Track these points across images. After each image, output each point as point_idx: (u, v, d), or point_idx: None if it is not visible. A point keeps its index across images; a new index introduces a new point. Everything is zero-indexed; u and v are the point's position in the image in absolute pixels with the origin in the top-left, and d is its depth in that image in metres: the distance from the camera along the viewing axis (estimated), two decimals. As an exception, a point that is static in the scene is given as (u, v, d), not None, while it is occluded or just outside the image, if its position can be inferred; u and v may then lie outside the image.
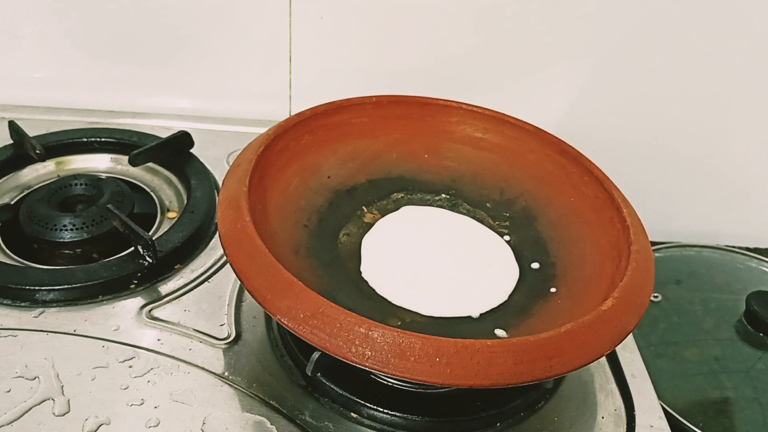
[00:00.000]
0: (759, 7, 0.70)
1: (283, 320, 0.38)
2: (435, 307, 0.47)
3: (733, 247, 0.77)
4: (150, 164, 0.67)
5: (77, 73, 0.76)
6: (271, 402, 0.45)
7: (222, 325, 0.51)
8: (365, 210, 0.55)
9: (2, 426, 0.41)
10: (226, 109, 0.77)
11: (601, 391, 0.50)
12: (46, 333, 0.48)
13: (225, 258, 0.54)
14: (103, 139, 0.68)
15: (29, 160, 0.65)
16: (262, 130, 0.53)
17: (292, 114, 0.55)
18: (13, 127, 0.65)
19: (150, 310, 0.51)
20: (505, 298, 0.49)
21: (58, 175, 0.65)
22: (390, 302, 0.48)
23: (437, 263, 0.51)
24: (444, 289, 0.49)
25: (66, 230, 0.56)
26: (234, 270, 0.42)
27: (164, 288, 0.53)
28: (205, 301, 0.53)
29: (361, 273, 0.50)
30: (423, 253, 0.52)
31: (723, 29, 0.71)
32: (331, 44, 0.74)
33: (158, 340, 0.49)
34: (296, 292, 0.39)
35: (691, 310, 0.68)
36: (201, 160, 0.66)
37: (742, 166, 0.80)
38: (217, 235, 0.58)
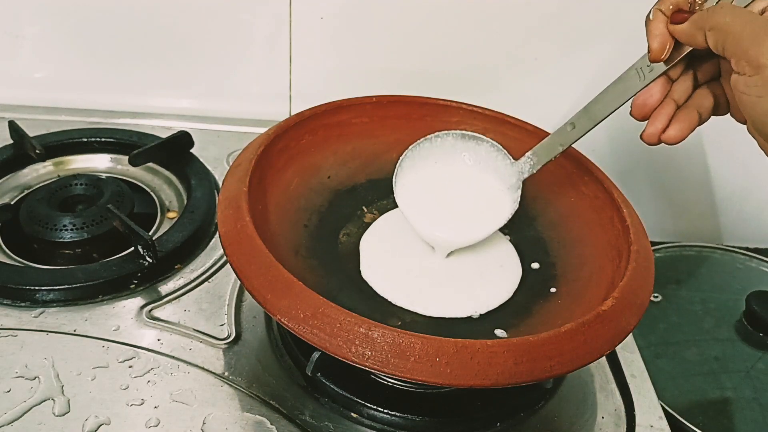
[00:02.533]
0: None
1: (283, 320, 0.38)
2: (435, 307, 0.47)
3: (733, 247, 0.77)
4: (150, 164, 0.67)
5: (77, 73, 0.76)
6: (271, 402, 0.45)
7: (222, 325, 0.51)
8: (365, 210, 0.55)
9: (2, 426, 0.41)
10: (226, 109, 0.77)
11: (601, 391, 0.50)
12: (46, 333, 0.48)
13: (225, 258, 0.54)
14: (103, 139, 0.68)
15: (29, 160, 0.65)
16: (262, 130, 0.53)
17: (292, 114, 0.55)
18: (13, 127, 0.65)
19: (150, 310, 0.51)
20: (507, 298, 0.49)
21: (58, 175, 0.65)
22: (390, 302, 0.48)
23: (438, 262, 0.51)
24: (444, 289, 0.49)
25: (66, 230, 0.56)
26: (234, 270, 0.42)
27: (164, 288, 0.53)
28: (205, 301, 0.53)
29: (360, 273, 0.50)
30: (423, 252, 0.52)
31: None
32: (331, 44, 0.74)
33: (158, 340, 0.49)
34: (296, 292, 0.39)
35: (691, 310, 0.68)
36: (201, 160, 0.66)
37: (742, 167, 0.80)
38: (217, 235, 0.58)
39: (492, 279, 0.50)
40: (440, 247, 0.51)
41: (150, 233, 0.57)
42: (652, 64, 0.41)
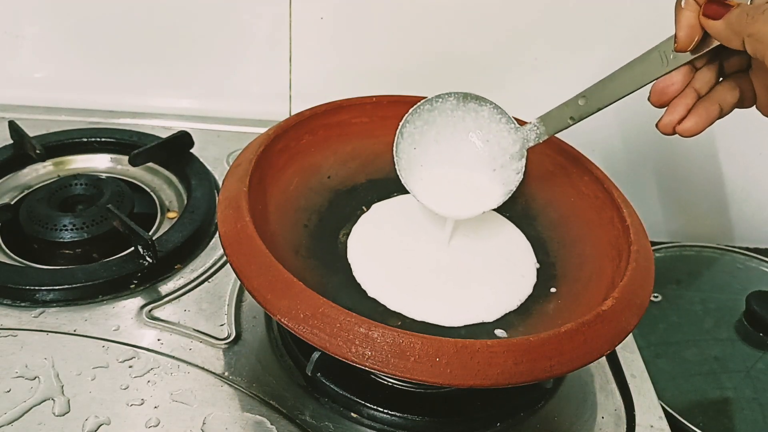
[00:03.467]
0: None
1: (283, 320, 0.38)
2: (438, 316, 0.46)
3: (733, 247, 0.77)
4: (150, 164, 0.67)
5: (77, 73, 0.76)
6: (271, 402, 0.45)
7: (222, 325, 0.51)
8: (365, 210, 0.55)
9: (2, 426, 0.41)
10: (226, 109, 0.77)
11: (601, 391, 0.50)
12: (46, 333, 0.48)
13: (225, 258, 0.54)
14: (103, 139, 0.68)
15: (29, 160, 0.65)
16: (262, 130, 0.53)
17: (292, 114, 0.55)
18: (13, 127, 0.65)
19: (150, 310, 0.51)
20: (517, 305, 0.48)
21: (58, 175, 0.65)
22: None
23: (442, 263, 0.51)
24: (447, 295, 0.48)
25: (66, 230, 0.56)
26: (234, 270, 0.42)
27: (164, 288, 0.53)
28: (205, 301, 0.53)
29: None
30: (425, 248, 0.51)
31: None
32: (331, 44, 0.74)
33: (158, 340, 0.49)
34: (296, 292, 0.39)
35: (691, 310, 0.68)
36: (201, 160, 0.66)
37: (742, 166, 0.80)
38: (217, 235, 0.58)
39: (503, 280, 0.50)
40: (447, 219, 0.50)
41: (150, 233, 0.57)
42: (677, 53, 0.39)
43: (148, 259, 0.54)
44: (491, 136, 0.50)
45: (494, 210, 0.56)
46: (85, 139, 0.68)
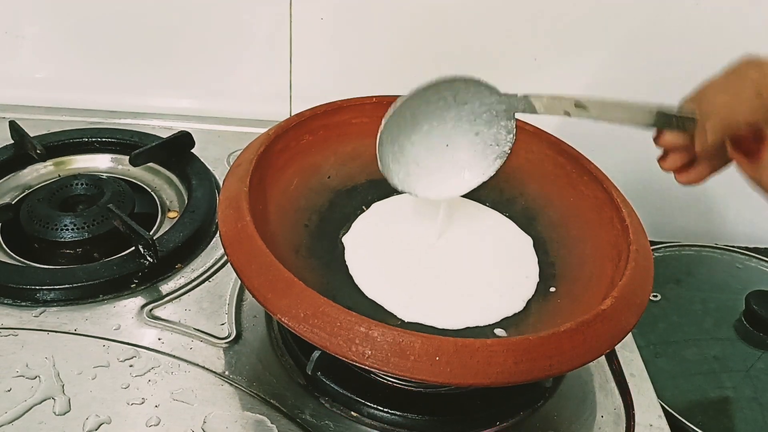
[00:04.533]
0: (764, 6, 0.70)
1: (283, 319, 0.39)
2: (438, 319, 0.46)
3: (733, 247, 0.77)
4: (151, 164, 0.67)
5: (78, 73, 0.76)
6: (271, 401, 0.45)
7: (222, 324, 0.51)
8: (365, 210, 0.55)
9: (3, 425, 0.41)
10: (226, 109, 0.77)
11: (600, 390, 0.50)
12: (46, 332, 0.48)
13: (225, 257, 0.54)
14: (104, 139, 0.68)
15: (30, 160, 0.65)
16: (263, 130, 0.53)
17: (292, 114, 0.55)
18: (14, 127, 0.66)
19: (151, 310, 0.51)
20: (522, 307, 0.48)
21: (59, 175, 0.66)
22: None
23: (443, 264, 0.51)
24: (450, 295, 0.48)
25: (67, 230, 0.57)
26: (234, 269, 0.42)
27: (165, 287, 0.54)
28: (205, 300, 0.53)
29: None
30: (425, 251, 0.51)
31: (724, 27, 0.71)
32: (331, 44, 0.74)
33: (159, 339, 0.49)
34: (296, 292, 0.39)
35: (691, 310, 0.68)
36: (201, 160, 0.66)
37: (742, 166, 0.80)
38: (217, 234, 0.58)
39: (505, 282, 0.50)
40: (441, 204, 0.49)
41: (151, 233, 0.57)
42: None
43: (148, 258, 0.54)
44: (469, 97, 0.47)
45: (495, 210, 0.56)
46: (85, 139, 0.68)
